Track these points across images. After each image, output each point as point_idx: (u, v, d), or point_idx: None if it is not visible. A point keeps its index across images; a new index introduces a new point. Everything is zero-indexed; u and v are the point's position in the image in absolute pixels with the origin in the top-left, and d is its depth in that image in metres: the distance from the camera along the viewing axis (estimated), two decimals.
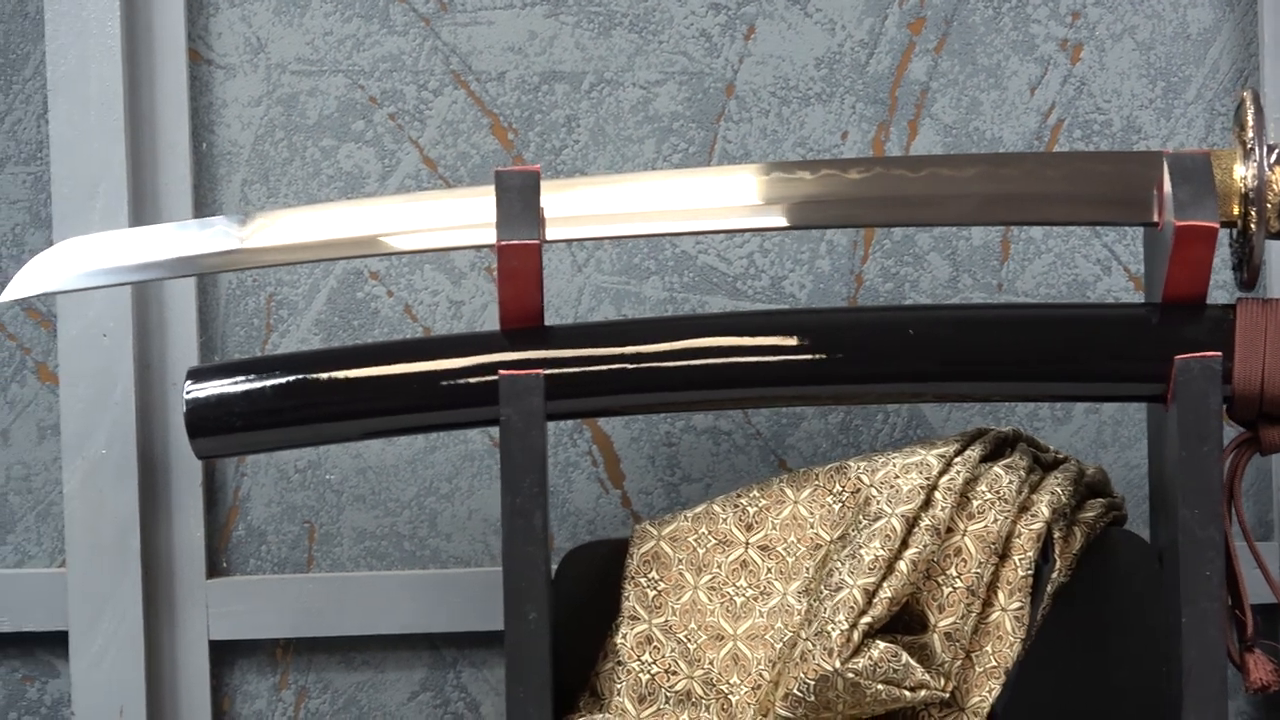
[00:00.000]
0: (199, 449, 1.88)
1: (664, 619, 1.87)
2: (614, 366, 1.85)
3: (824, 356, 1.84)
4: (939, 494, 1.82)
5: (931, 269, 2.19)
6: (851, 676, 1.76)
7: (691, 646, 1.86)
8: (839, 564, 1.81)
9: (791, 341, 1.85)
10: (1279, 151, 1.83)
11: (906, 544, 1.80)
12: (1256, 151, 1.82)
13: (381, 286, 2.18)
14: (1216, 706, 1.79)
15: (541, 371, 1.82)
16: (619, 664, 1.86)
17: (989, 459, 1.88)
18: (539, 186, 1.84)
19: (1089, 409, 2.19)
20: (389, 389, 1.86)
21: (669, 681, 1.86)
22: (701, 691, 1.85)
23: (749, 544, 1.88)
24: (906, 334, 1.85)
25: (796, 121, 2.18)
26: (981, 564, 1.82)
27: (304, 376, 1.86)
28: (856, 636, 1.77)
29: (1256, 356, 1.82)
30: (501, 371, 1.83)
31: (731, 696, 1.85)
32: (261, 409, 1.86)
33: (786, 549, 1.87)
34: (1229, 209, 1.83)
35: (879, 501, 1.82)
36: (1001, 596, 1.83)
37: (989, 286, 2.19)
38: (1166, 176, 1.82)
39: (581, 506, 2.18)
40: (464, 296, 2.18)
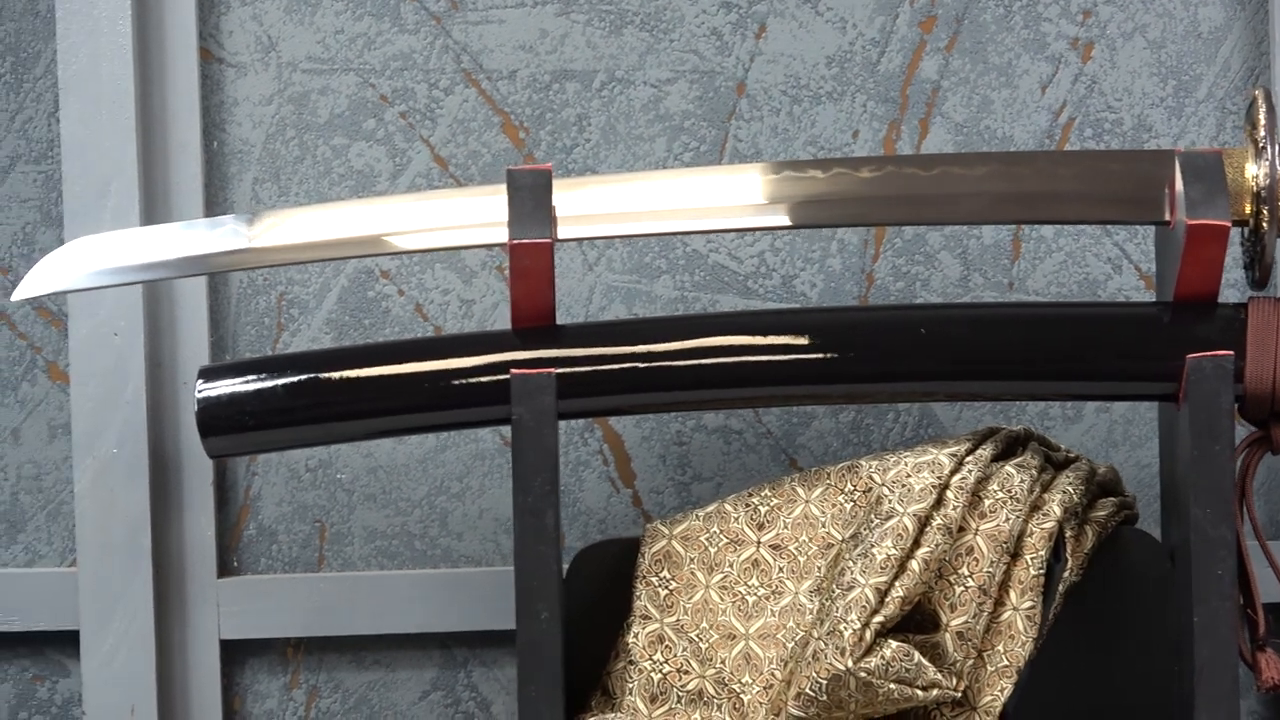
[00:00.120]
0: (211, 448, 1.88)
1: (676, 618, 1.87)
2: (625, 365, 1.85)
3: (835, 355, 1.84)
4: (951, 493, 1.82)
5: (942, 268, 2.18)
6: (864, 676, 1.76)
7: (703, 646, 1.86)
8: (851, 563, 1.80)
9: (802, 340, 1.84)
10: None
11: (919, 543, 1.80)
12: (1268, 150, 1.82)
13: (392, 285, 2.18)
14: (1228, 706, 1.79)
15: (553, 370, 1.82)
16: (631, 663, 1.86)
17: (1001, 458, 1.88)
18: (551, 185, 1.84)
19: (1100, 408, 2.18)
20: (401, 388, 1.85)
21: (681, 681, 1.86)
22: (713, 691, 1.85)
23: (760, 543, 1.87)
24: (918, 333, 1.85)
25: (808, 120, 2.18)
26: (993, 563, 1.82)
27: (315, 375, 1.86)
28: (869, 636, 1.77)
29: (1268, 355, 1.81)
30: (513, 370, 1.83)
31: (743, 696, 1.85)
32: (273, 408, 1.86)
33: (798, 548, 1.87)
34: (1241, 207, 1.83)
35: (891, 500, 1.82)
36: (1013, 595, 1.83)
37: (1000, 285, 2.18)
38: (1178, 175, 1.82)
39: (592, 506, 2.18)
40: (475, 295, 2.18)
